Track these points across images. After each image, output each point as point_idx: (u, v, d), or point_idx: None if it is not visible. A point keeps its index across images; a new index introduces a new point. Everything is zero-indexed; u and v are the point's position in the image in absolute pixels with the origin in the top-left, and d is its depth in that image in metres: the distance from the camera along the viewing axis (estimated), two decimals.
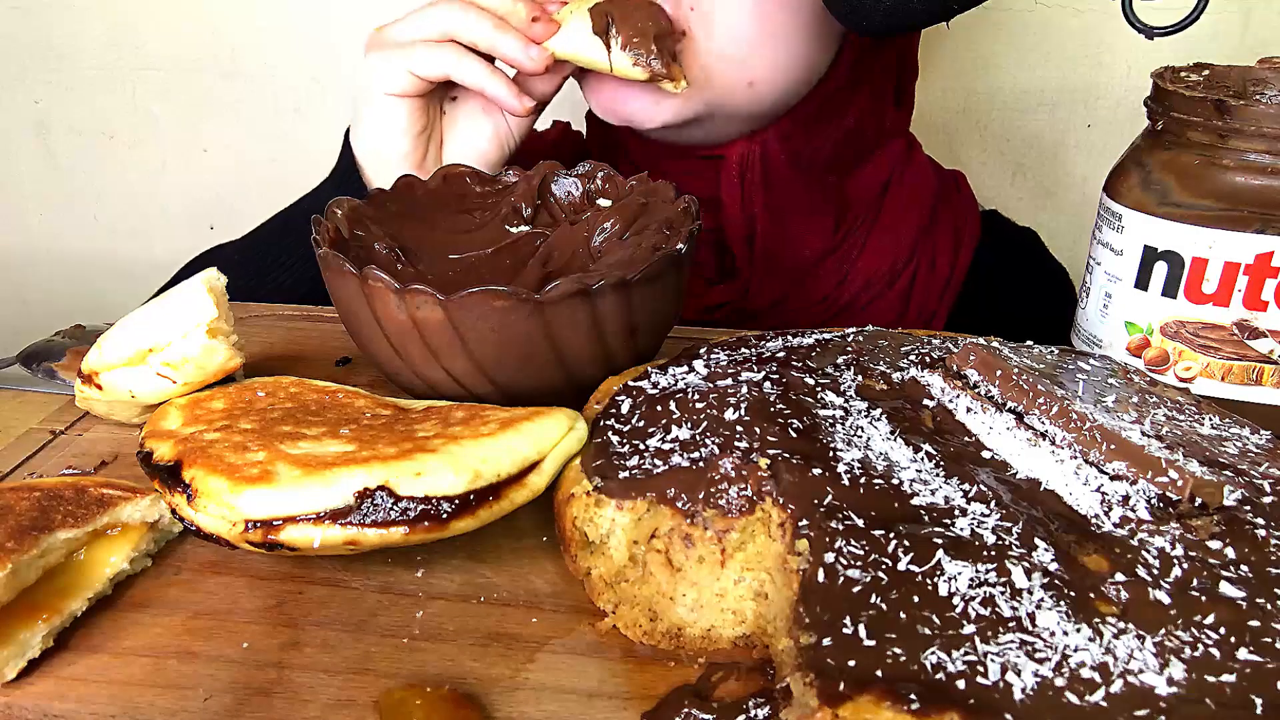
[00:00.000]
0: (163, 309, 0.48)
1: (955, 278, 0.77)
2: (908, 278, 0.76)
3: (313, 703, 0.35)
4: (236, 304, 0.50)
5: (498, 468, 0.39)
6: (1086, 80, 1.06)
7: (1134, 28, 0.51)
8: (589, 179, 0.60)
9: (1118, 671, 0.30)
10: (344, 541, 0.37)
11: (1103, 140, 1.08)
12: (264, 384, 0.47)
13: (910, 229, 0.76)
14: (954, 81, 1.08)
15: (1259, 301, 0.50)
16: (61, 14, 1.16)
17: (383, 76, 0.63)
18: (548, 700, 0.36)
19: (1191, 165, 0.50)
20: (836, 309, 0.75)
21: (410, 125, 0.65)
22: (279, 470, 0.38)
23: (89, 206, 1.27)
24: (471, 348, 0.46)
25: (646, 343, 0.51)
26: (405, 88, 0.63)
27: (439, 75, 0.63)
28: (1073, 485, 0.38)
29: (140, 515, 0.42)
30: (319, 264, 0.49)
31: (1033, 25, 1.04)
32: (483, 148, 0.68)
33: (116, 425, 0.53)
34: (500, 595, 0.41)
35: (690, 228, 0.51)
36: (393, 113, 0.64)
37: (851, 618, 0.31)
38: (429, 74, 0.63)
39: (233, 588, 0.41)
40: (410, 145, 0.65)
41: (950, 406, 0.43)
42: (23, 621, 0.37)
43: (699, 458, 0.39)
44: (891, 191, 0.77)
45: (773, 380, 0.43)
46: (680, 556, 0.38)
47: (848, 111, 0.73)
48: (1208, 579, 0.33)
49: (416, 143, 0.66)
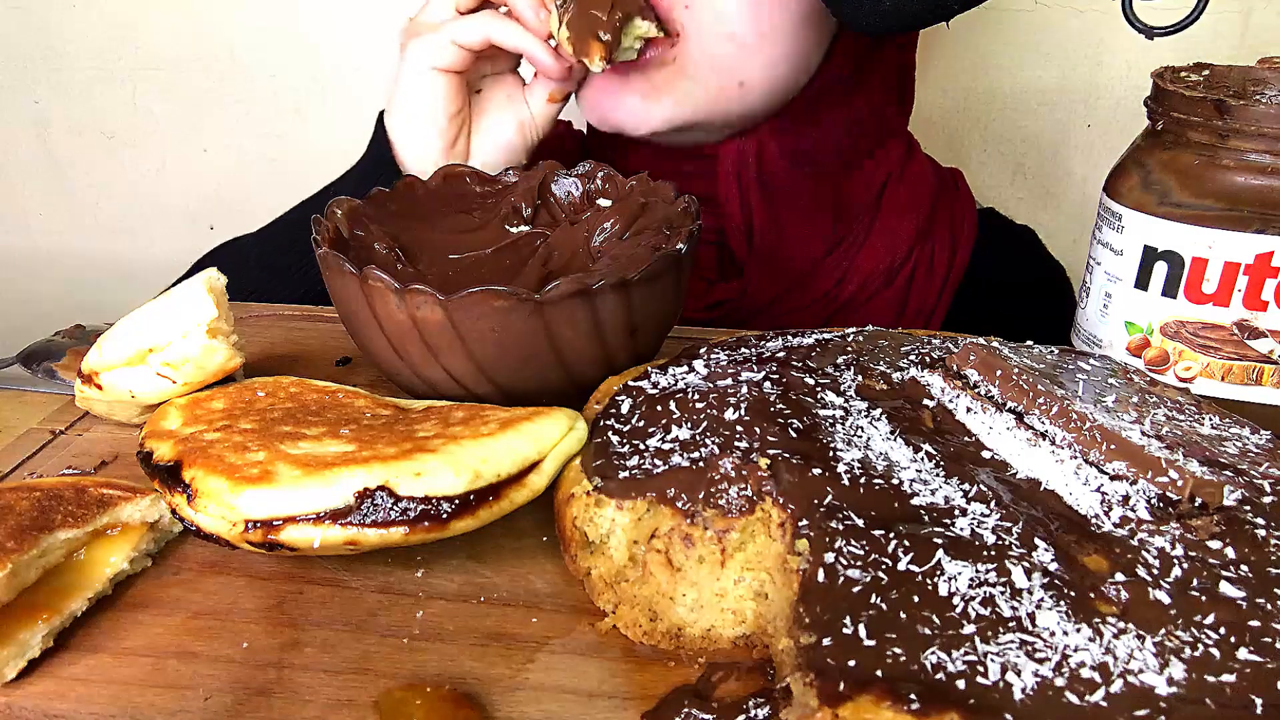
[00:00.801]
0: (163, 309, 0.48)
1: (953, 276, 0.77)
2: (906, 276, 0.76)
3: (313, 703, 0.35)
4: (236, 304, 0.50)
5: (498, 468, 0.39)
6: (1086, 80, 1.06)
7: (1134, 28, 0.51)
8: (589, 179, 0.60)
9: (1118, 671, 0.30)
10: (344, 541, 0.37)
11: (1103, 140, 1.08)
12: (264, 384, 0.47)
13: (909, 227, 0.76)
14: (954, 81, 1.08)
15: (1259, 301, 0.50)
16: (61, 14, 1.16)
17: (426, 52, 0.66)
18: (548, 700, 0.36)
19: (1191, 165, 0.50)
20: (835, 307, 0.75)
21: (449, 102, 0.67)
22: (279, 470, 0.38)
23: (89, 206, 1.27)
24: (471, 348, 0.46)
25: (646, 343, 0.51)
26: (450, 60, 0.65)
27: (480, 40, 0.65)
28: (1073, 485, 0.38)
29: (140, 515, 0.42)
30: (319, 264, 0.49)
31: (1033, 25, 1.04)
32: (509, 135, 0.70)
33: (116, 425, 0.53)
34: (500, 595, 0.41)
35: (690, 228, 0.51)
36: (434, 89, 0.66)
37: (851, 618, 0.31)
38: (471, 40, 0.65)
39: (233, 588, 0.41)
40: (447, 123, 0.67)
41: (950, 406, 0.43)
42: (23, 621, 0.37)
43: (699, 458, 0.39)
44: (890, 190, 0.76)
45: (773, 380, 0.43)
46: (680, 556, 0.38)
47: (846, 108, 0.73)
48: (1208, 579, 0.33)
49: (452, 123, 0.68)
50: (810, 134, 0.73)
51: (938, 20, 0.59)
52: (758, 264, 0.74)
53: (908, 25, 0.62)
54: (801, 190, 0.74)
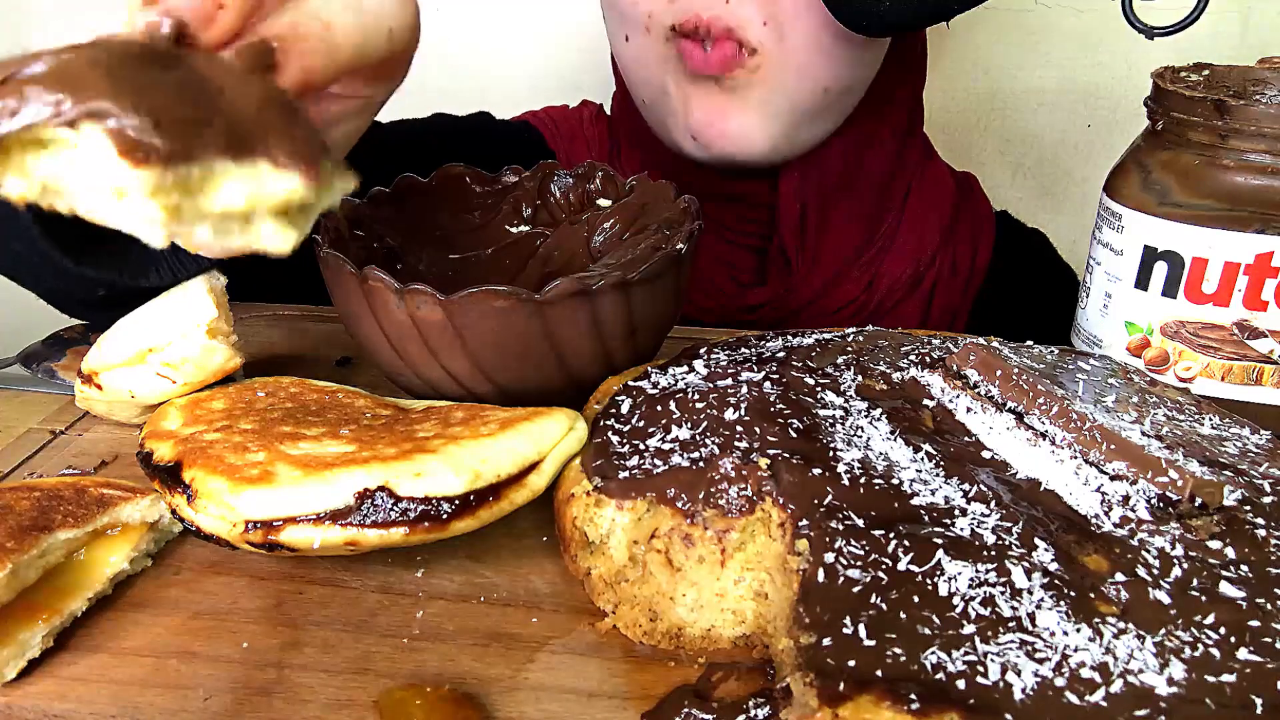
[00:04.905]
0: (163, 309, 0.48)
1: (974, 280, 0.78)
2: (930, 280, 0.76)
3: (313, 703, 0.35)
4: (237, 304, 0.50)
5: (498, 468, 0.39)
6: (1086, 80, 1.06)
7: (1134, 28, 0.51)
8: (589, 179, 0.60)
9: (1118, 671, 0.30)
10: (344, 542, 0.37)
11: (1103, 140, 1.08)
12: (264, 384, 0.47)
13: (933, 231, 0.76)
14: (954, 81, 1.08)
15: (1259, 301, 0.50)
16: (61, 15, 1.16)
17: None
18: (548, 700, 0.35)
19: (1191, 165, 0.50)
20: (866, 313, 0.76)
21: None
22: (279, 471, 0.37)
23: None
24: (471, 348, 0.46)
25: (646, 343, 0.51)
26: None
27: None
28: (1073, 485, 0.38)
29: (140, 515, 0.42)
30: (319, 264, 0.49)
31: (1033, 25, 1.04)
32: None
33: (116, 425, 0.53)
34: (500, 595, 0.41)
35: (690, 227, 0.51)
36: None
37: (851, 618, 0.31)
38: None
39: (233, 588, 0.41)
40: None
41: (950, 406, 0.43)
42: (23, 621, 0.37)
43: (699, 458, 0.39)
44: (913, 194, 0.77)
45: (773, 380, 0.43)
46: (680, 556, 0.38)
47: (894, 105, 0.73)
48: (1208, 579, 0.33)
49: None
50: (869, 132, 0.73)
51: (938, 20, 0.59)
52: (800, 272, 0.75)
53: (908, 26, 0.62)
54: (853, 194, 0.74)
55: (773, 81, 0.65)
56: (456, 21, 1.09)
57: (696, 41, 0.64)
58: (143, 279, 0.53)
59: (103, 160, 0.32)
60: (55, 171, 0.33)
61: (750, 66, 0.64)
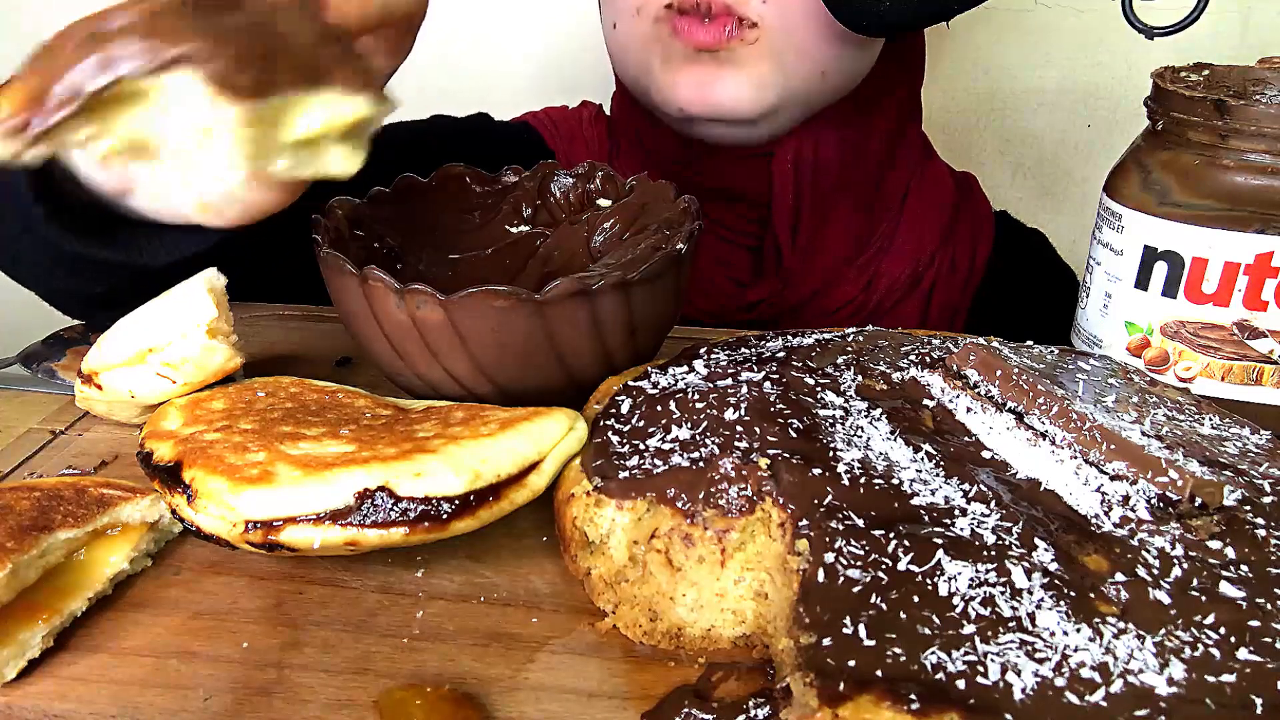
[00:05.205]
0: (162, 309, 0.48)
1: (974, 280, 0.77)
2: (930, 280, 0.76)
3: (313, 703, 0.35)
4: (237, 304, 0.50)
5: (498, 468, 0.39)
6: (1086, 80, 1.06)
7: (1134, 28, 0.51)
8: (589, 179, 0.60)
9: (1118, 671, 0.30)
10: (344, 542, 0.37)
11: (1103, 140, 1.08)
12: (264, 384, 0.47)
13: (932, 231, 0.76)
14: (954, 81, 1.08)
15: (1259, 301, 0.50)
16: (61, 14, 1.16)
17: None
18: (548, 700, 0.36)
19: (1191, 165, 0.50)
20: (865, 313, 0.75)
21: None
22: (279, 471, 0.38)
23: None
24: (471, 348, 0.46)
25: (646, 343, 0.51)
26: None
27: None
28: (1073, 485, 0.38)
29: (140, 515, 0.42)
30: (319, 264, 0.49)
31: (1033, 25, 1.05)
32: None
33: (116, 425, 0.53)
34: (500, 595, 0.41)
35: (691, 227, 0.51)
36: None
37: (851, 618, 0.31)
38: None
39: (233, 588, 0.41)
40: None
41: (950, 406, 0.43)
42: (23, 621, 0.37)
43: (699, 458, 0.39)
44: (912, 194, 0.77)
45: (773, 380, 0.43)
46: (680, 556, 0.38)
47: (892, 98, 0.73)
48: (1208, 579, 0.33)
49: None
50: (864, 126, 0.73)
51: (938, 20, 0.59)
52: (795, 266, 0.74)
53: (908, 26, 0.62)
54: (848, 188, 0.74)
55: (770, 56, 0.65)
56: (456, 21, 1.09)
57: (695, 17, 0.64)
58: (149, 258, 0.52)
59: (192, 102, 0.34)
60: (141, 124, 0.35)
61: (749, 39, 0.64)
